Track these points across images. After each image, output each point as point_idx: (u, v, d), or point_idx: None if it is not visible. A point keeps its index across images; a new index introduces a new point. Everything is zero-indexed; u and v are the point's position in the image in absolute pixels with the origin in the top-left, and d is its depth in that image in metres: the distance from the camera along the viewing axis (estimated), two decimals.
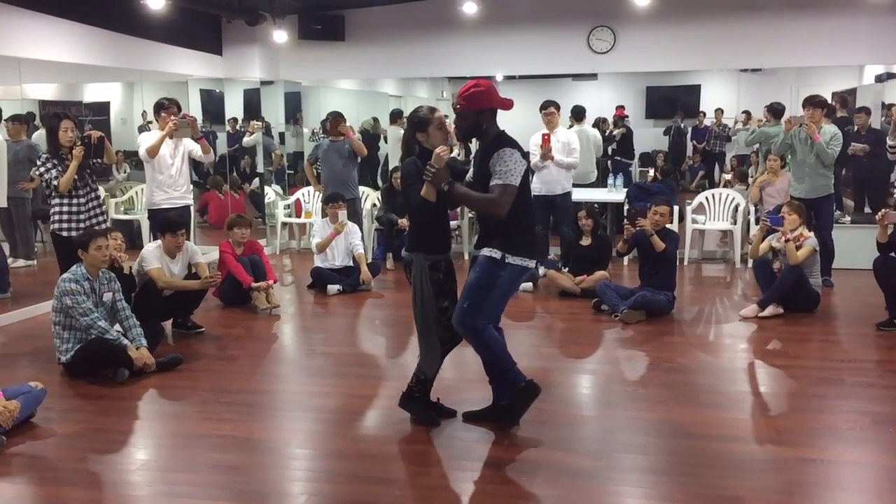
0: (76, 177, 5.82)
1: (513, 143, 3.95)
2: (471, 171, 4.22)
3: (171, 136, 6.61)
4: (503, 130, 4.04)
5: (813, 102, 7.21)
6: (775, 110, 9.20)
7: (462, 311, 3.99)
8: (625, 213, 6.99)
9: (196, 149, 6.87)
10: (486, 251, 3.98)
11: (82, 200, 5.93)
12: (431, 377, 4.19)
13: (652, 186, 9.46)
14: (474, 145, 4.57)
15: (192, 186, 7.25)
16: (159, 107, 6.80)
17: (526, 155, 3.97)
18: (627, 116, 13.74)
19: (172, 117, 6.62)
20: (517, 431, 4.14)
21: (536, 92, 10.48)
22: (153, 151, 6.63)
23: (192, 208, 7.42)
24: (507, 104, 4.01)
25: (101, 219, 6.08)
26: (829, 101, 8.14)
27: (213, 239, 9.29)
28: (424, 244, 4.07)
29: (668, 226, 6.76)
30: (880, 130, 9.19)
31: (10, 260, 7.71)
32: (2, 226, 8.30)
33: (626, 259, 8.30)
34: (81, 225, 5.86)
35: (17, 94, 8.24)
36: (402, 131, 4.90)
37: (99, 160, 5.97)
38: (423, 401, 4.26)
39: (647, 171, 11.34)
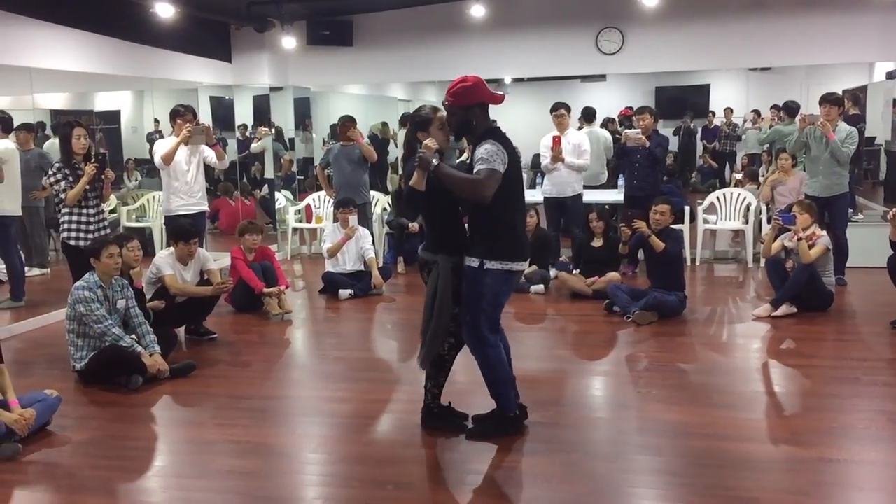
0: (87, 187, 5.86)
1: (501, 138, 3.88)
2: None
3: (185, 143, 6.67)
4: (496, 125, 4.00)
5: (829, 100, 7.16)
6: (790, 109, 9.14)
7: (466, 325, 3.99)
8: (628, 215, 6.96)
9: (211, 155, 6.92)
10: (466, 261, 3.94)
11: (91, 211, 5.98)
12: (426, 370, 4.11)
13: (661, 187, 9.41)
14: None
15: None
16: (175, 114, 6.87)
17: (516, 150, 3.93)
18: (634, 116, 13.68)
19: (187, 124, 6.68)
20: (530, 435, 4.13)
21: (545, 94, 10.49)
22: (168, 159, 6.69)
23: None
24: (498, 98, 3.99)
25: (107, 231, 6.15)
26: None
27: (225, 245, 9.31)
28: (447, 246, 4.00)
29: (672, 225, 6.72)
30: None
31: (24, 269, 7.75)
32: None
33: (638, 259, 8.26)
34: (90, 235, 5.90)
35: (29, 104, 8.29)
36: None
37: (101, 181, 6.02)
38: (442, 412, 4.24)
39: None
